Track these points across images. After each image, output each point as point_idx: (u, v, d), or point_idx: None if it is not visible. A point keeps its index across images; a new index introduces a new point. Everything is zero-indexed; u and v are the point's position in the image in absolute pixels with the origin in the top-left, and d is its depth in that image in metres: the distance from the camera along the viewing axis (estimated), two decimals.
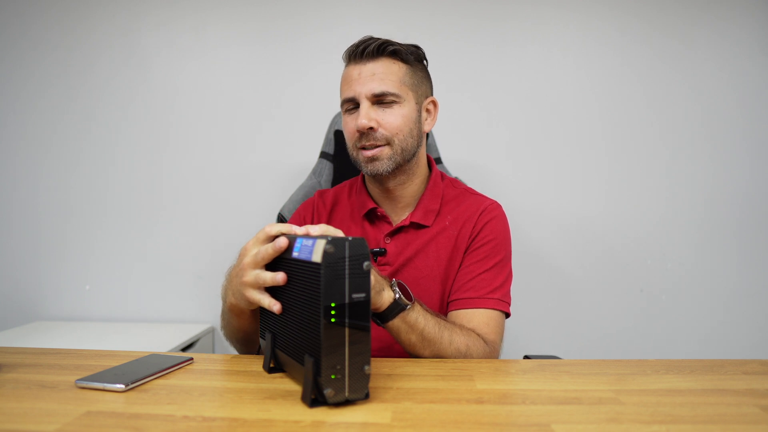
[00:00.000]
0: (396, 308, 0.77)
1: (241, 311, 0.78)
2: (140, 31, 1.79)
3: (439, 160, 1.39)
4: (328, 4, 1.76)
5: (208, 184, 1.79)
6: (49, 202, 1.82)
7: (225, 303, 0.80)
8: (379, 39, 0.95)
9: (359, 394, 0.59)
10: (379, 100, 0.93)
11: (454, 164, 1.65)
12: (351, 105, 0.96)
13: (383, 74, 0.93)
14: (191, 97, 1.79)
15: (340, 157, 1.35)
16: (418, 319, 0.80)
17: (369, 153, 0.94)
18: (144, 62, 1.79)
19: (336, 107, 1.55)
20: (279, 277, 0.66)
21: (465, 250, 0.98)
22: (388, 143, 0.94)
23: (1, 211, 1.83)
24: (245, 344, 0.88)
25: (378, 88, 0.92)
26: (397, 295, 0.77)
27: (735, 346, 1.73)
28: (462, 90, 1.76)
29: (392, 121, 0.93)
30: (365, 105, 0.93)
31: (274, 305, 0.67)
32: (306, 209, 1.09)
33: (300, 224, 1.03)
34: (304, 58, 1.77)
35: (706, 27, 1.74)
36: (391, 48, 0.94)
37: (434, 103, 1.03)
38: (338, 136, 1.36)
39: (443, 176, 1.08)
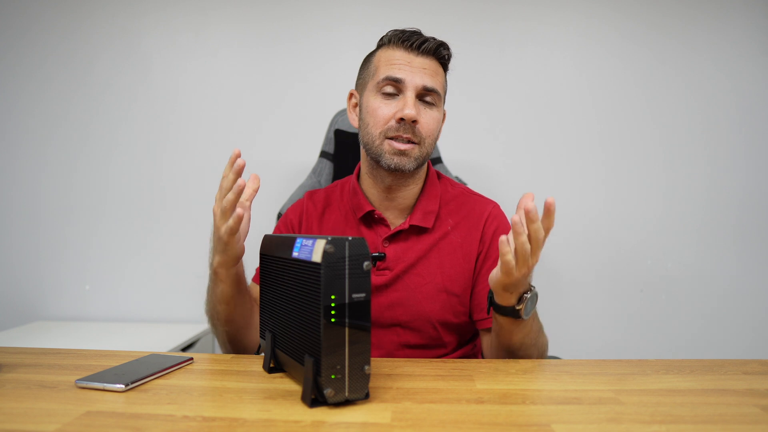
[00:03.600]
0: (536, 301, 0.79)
1: (226, 275, 0.80)
2: (140, 31, 1.79)
3: (439, 160, 1.39)
4: (327, 4, 1.76)
5: (208, 183, 1.79)
6: (49, 202, 1.82)
7: (211, 266, 0.82)
8: (437, 39, 0.93)
9: (359, 394, 0.59)
10: (424, 96, 0.91)
11: (454, 164, 1.65)
12: (392, 87, 0.90)
13: (433, 72, 0.91)
14: (191, 97, 1.79)
15: (340, 157, 1.35)
16: (533, 321, 0.83)
17: (402, 146, 0.89)
18: (144, 62, 1.79)
19: (336, 106, 1.55)
20: (240, 183, 0.73)
21: (476, 259, 0.95)
22: (420, 143, 0.91)
23: (1, 211, 1.83)
24: (228, 323, 0.87)
25: (430, 82, 0.90)
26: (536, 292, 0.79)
27: (735, 346, 1.73)
28: (462, 90, 1.75)
29: (429, 122, 0.91)
30: (412, 96, 0.89)
31: (237, 211, 0.73)
32: (294, 212, 1.04)
33: (288, 229, 1.02)
34: (304, 58, 1.77)
35: (705, 28, 1.74)
36: (444, 53, 0.94)
37: (444, 114, 1.02)
38: (338, 135, 1.36)
39: (439, 175, 1.05)
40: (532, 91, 1.76)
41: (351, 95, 1.01)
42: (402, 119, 0.88)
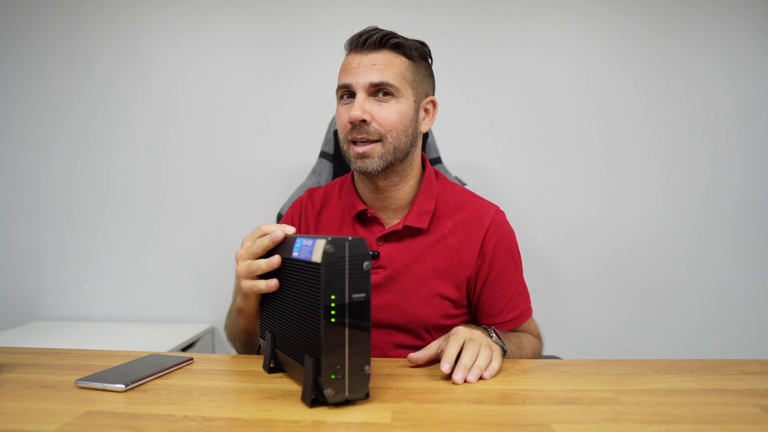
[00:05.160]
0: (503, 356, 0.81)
1: (248, 313, 0.79)
2: (140, 31, 1.79)
3: (439, 160, 1.39)
4: (327, 4, 1.76)
5: (208, 184, 1.79)
6: (49, 202, 1.82)
7: (234, 303, 0.82)
8: (382, 30, 0.90)
9: (359, 394, 0.59)
10: (377, 91, 0.88)
11: (453, 164, 1.65)
12: (346, 93, 0.91)
13: (384, 65, 0.89)
14: (191, 97, 1.79)
15: (340, 157, 1.35)
16: (513, 355, 0.87)
17: (360, 149, 0.89)
18: (144, 62, 1.79)
19: (335, 107, 1.55)
20: (274, 260, 0.68)
21: (476, 270, 0.95)
22: (381, 140, 0.88)
23: (2, 212, 1.83)
24: (247, 346, 0.88)
25: (377, 77, 0.87)
26: (505, 348, 0.82)
27: (735, 346, 1.73)
28: (462, 90, 1.76)
29: (387, 116, 0.88)
30: (361, 96, 0.88)
31: (271, 282, 0.69)
32: (294, 211, 1.04)
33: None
34: (304, 58, 1.77)
35: (705, 28, 1.74)
36: (394, 41, 0.90)
37: (433, 103, 0.97)
38: (338, 135, 1.36)
39: (438, 174, 1.03)
40: (532, 91, 1.76)
41: None
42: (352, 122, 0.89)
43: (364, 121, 0.87)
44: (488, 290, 0.96)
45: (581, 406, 0.59)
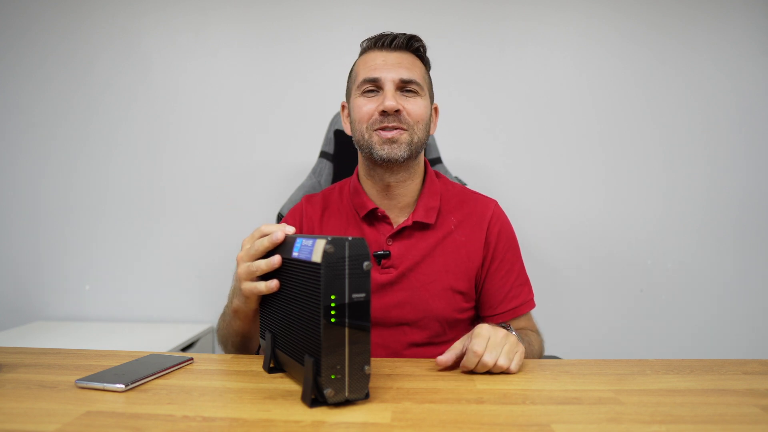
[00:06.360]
0: None
1: (245, 314, 0.79)
2: (140, 31, 1.79)
3: (439, 160, 1.39)
4: (328, 4, 1.76)
5: (208, 184, 1.79)
6: (49, 203, 1.82)
7: (230, 305, 0.81)
8: (406, 33, 0.96)
9: (359, 394, 0.59)
10: (404, 87, 0.93)
11: (454, 164, 1.65)
12: (371, 87, 0.94)
13: (410, 65, 0.95)
14: (191, 97, 1.79)
15: (340, 157, 1.35)
16: (526, 353, 0.84)
17: (389, 134, 0.91)
18: (144, 62, 1.79)
19: (336, 107, 1.55)
20: (275, 260, 0.69)
21: (482, 260, 0.98)
22: (408, 129, 0.93)
23: (2, 212, 1.83)
24: (240, 349, 0.87)
25: (407, 74, 0.93)
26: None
27: (735, 346, 1.73)
28: (462, 90, 1.76)
29: (415, 109, 0.93)
30: (391, 88, 0.92)
31: (271, 283, 0.69)
32: (294, 217, 1.04)
33: None
34: (304, 58, 1.77)
35: (705, 28, 1.74)
36: (417, 44, 0.97)
37: (436, 109, 1.04)
38: (338, 135, 1.36)
39: (438, 174, 1.07)
40: (532, 91, 1.76)
41: (343, 107, 1.05)
42: (384, 111, 0.91)
43: (397, 111, 0.91)
44: (490, 280, 0.98)
45: (581, 406, 0.59)
